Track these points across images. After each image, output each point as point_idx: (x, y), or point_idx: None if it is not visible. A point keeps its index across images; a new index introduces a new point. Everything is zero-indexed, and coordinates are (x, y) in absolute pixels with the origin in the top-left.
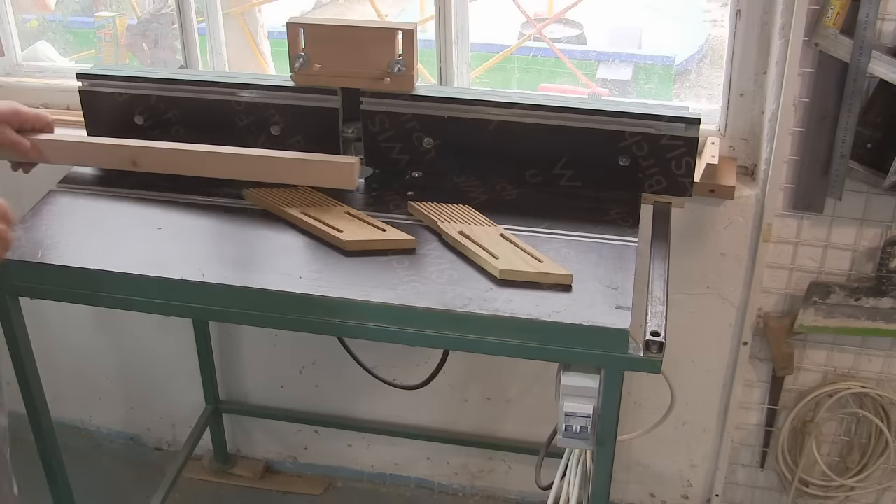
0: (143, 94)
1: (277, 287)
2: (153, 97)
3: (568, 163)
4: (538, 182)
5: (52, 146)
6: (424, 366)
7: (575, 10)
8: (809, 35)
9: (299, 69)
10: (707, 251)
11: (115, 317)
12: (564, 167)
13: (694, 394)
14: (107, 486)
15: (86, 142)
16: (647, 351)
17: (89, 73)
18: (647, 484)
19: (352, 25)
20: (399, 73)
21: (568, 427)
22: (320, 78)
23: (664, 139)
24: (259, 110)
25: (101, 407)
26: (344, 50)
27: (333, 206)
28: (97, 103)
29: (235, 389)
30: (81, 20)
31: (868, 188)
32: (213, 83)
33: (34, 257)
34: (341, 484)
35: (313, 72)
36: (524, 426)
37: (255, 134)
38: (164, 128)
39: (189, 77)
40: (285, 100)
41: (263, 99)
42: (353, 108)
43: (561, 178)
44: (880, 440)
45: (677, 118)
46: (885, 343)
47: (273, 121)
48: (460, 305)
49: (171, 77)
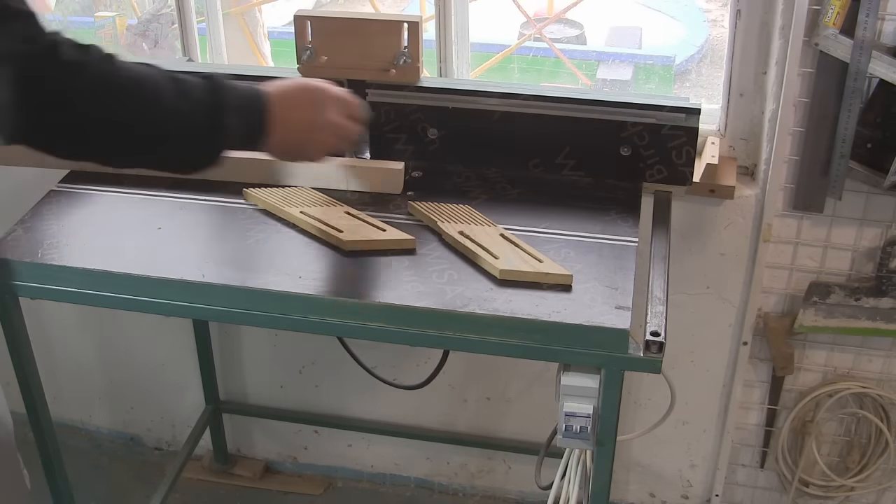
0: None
1: (277, 287)
2: None
3: (570, 153)
4: (541, 172)
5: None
6: (424, 366)
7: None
8: (809, 35)
9: (306, 61)
10: (707, 251)
11: (115, 317)
12: (567, 157)
13: (694, 394)
14: (107, 486)
15: None
16: (647, 351)
17: None
18: (647, 484)
19: (358, 18)
20: (405, 65)
21: (568, 427)
22: (326, 70)
23: (665, 129)
24: None
25: (101, 407)
26: (350, 42)
27: (333, 206)
28: None
29: (235, 389)
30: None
31: (868, 188)
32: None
33: (34, 257)
34: (341, 484)
35: (320, 64)
36: (524, 426)
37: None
38: None
39: (199, 70)
40: None
41: None
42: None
43: (563, 167)
44: (880, 440)
45: (678, 108)
46: (885, 343)
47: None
48: (460, 305)
49: (180, 70)
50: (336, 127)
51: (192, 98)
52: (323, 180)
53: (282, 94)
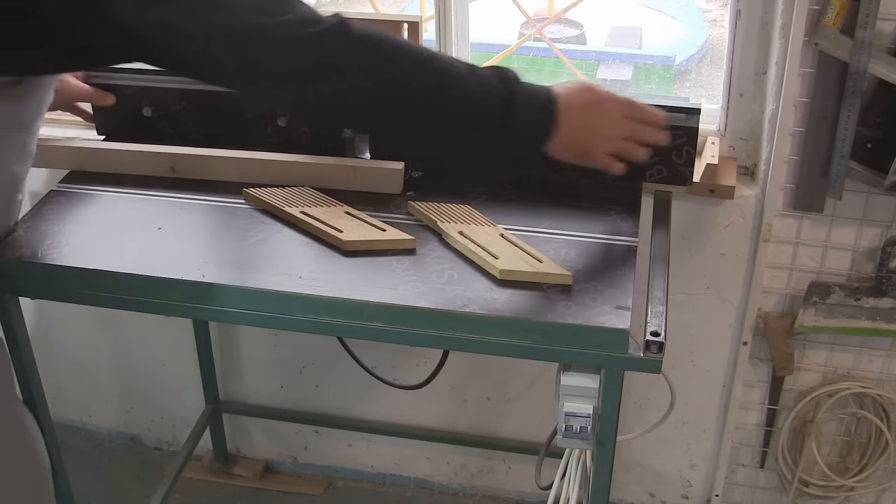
0: (151, 86)
1: (277, 287)
2: (161, 89)
3: None
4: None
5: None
6: (424, 366)
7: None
8: (809, 35)
9: None
10: (707, 251)
11: (114, 317)
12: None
13: (694, 394)
14: (107, 486)
15: (128, 150)
16: (647, 351)
17: None
18: (647, 484)
19: (358, 18)
20: None
21: (568, 427)
22: None
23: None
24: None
25: (101, 407)
26: None
27: (333, 205)
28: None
29: (235, 389)
30: None
31: (868, 188)
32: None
33: (34, 257)
34: (341, 484)
35: None
36: (524, 426)
37: (261, 125)
38: (172, 120)
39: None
40: None
41: None
42: None
43: (563, 167)
44: (880, 440)
45: (677, 108)
46: (885, 343)
47: (280, 112)
48: (460, 305)
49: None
50: (623, 130)
51: (487, 85)
52: (323, 180)
53: (568, 95)
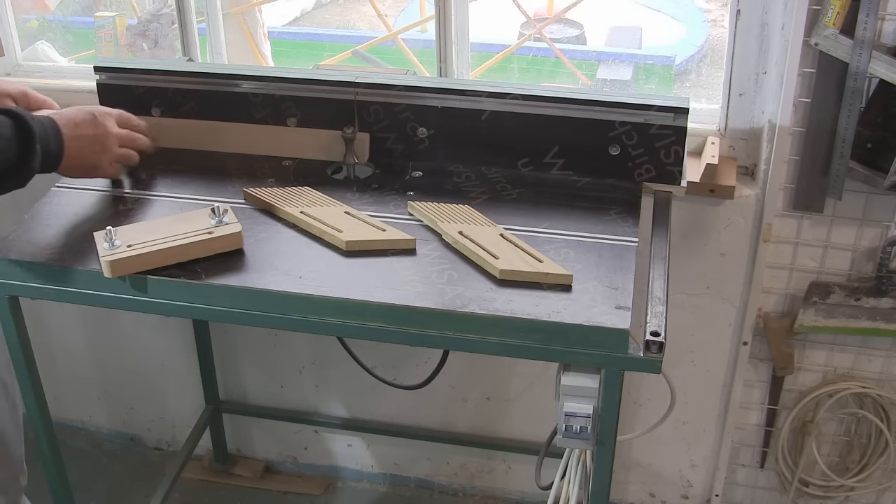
0: (160, 86)
1: (277, 287)
2: (170, 90)
3: (559, 152)
4: (530, 171)
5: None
6: (424, 366)
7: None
8: (809, 35)
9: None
10: (707, 251)
11: (115, 317)
12: (556, 156)
13: (694, 394)
14: (107, 486)
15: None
16: (647, 351)
17: (107, 67)
18: (647, 484)
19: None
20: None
21: (568, 427)
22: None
23: (653, 128)
24: (275, 102)
25: (101, 407)
26: None
27: (333, 205)
28: (115, 96)
29: (235, 389)
30: (81, 20)
31: (868, 188)
32: (229, 76)
33: (34, 257)
34: (341, 484)
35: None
36: (524, 426)
37: (271, 126)
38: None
39: (206, 70)
40: (302, 92)
41: (280, 91)
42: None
43: (552, 166)
44: (880, 440)
45: (666, 108)
46: (885, 343)
47: (289, 112)
48: (460, 305)
49: (188, 70)
50: (120, 138)
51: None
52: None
53: (66, 118)
